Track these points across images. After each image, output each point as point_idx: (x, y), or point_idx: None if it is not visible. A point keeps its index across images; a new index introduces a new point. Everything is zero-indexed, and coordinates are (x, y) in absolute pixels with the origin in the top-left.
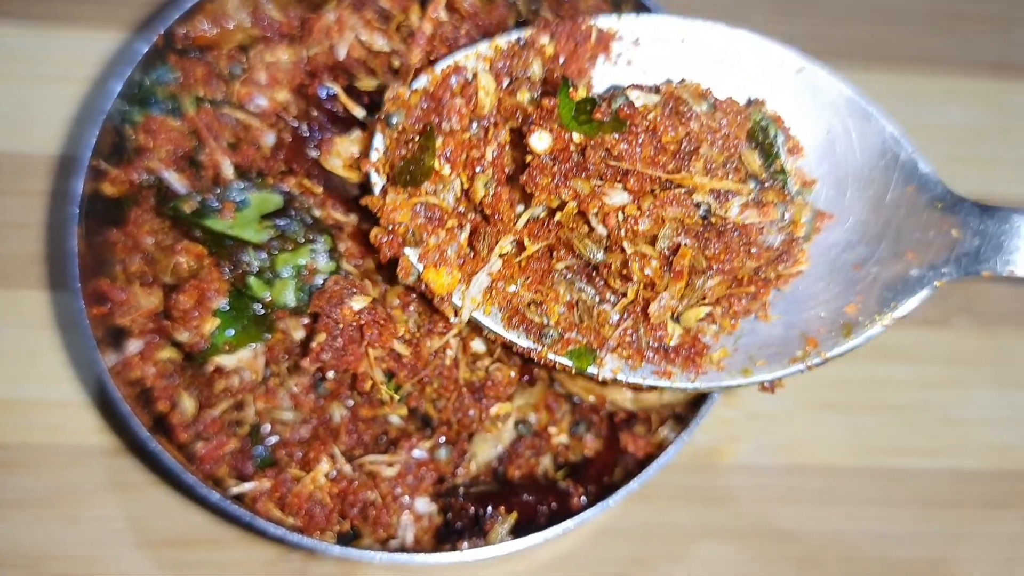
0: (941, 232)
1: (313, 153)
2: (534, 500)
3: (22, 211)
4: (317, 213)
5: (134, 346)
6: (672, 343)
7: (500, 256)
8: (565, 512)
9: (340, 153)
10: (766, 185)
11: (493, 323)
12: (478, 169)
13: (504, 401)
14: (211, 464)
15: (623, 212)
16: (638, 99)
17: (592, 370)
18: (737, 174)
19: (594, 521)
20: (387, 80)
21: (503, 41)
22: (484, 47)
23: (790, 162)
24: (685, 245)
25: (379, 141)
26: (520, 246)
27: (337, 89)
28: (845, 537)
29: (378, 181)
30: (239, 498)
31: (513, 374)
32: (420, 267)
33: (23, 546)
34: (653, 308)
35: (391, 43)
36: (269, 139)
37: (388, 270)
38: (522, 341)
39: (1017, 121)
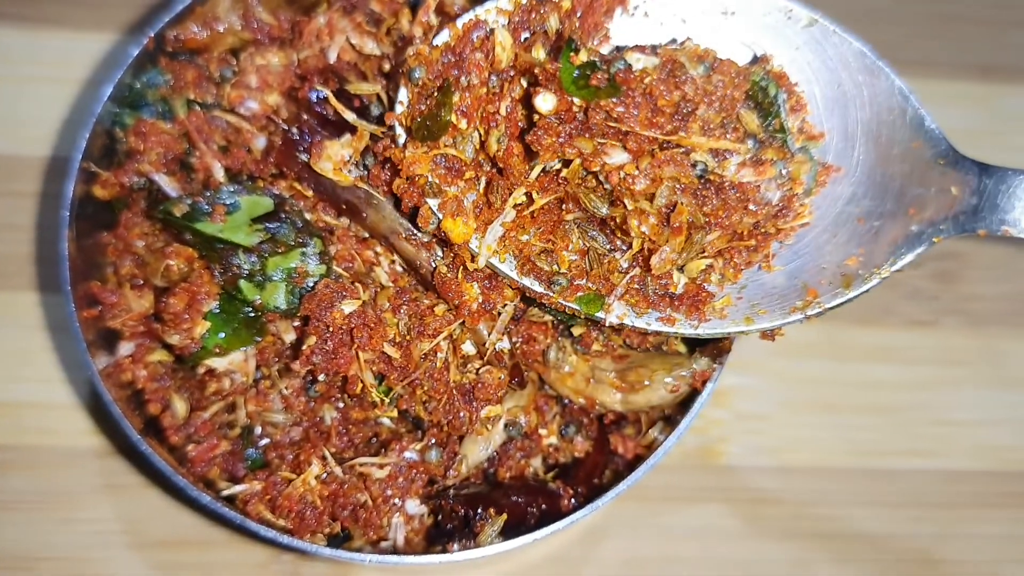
0: (942, 189)
1: (304, 156)
2: (524, 501)
3: (13, 213)
4: (308, 216)
5: (125, 349)
6: (677, 291)
7: (513, 207)
8: (555, 513)
9: (331, 156)
10: (764, 143)
11: (508, 269)
12: (492, 124)
13: (494, 403)
14: (202, 466)
15: (623, 171)
16: (637, 62)
17: (600, 315)
18: (735, 133)
19: (585, 521)
20: (377, 83)
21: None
22: (504, 1)
23: (791, 120)
24: (682, 203)
25: (403, 95)
26: (531, 198)
27: (327, 92)
28: (835, 537)
29: (401, 133)
30: (230, 500)
31: (503, 376)
32: (440, 216)
33: (16, 547)
34: (654, 261)
35: (381, 47)
36: (260, 142)
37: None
38: (535, 287)
39: (1007, 123)
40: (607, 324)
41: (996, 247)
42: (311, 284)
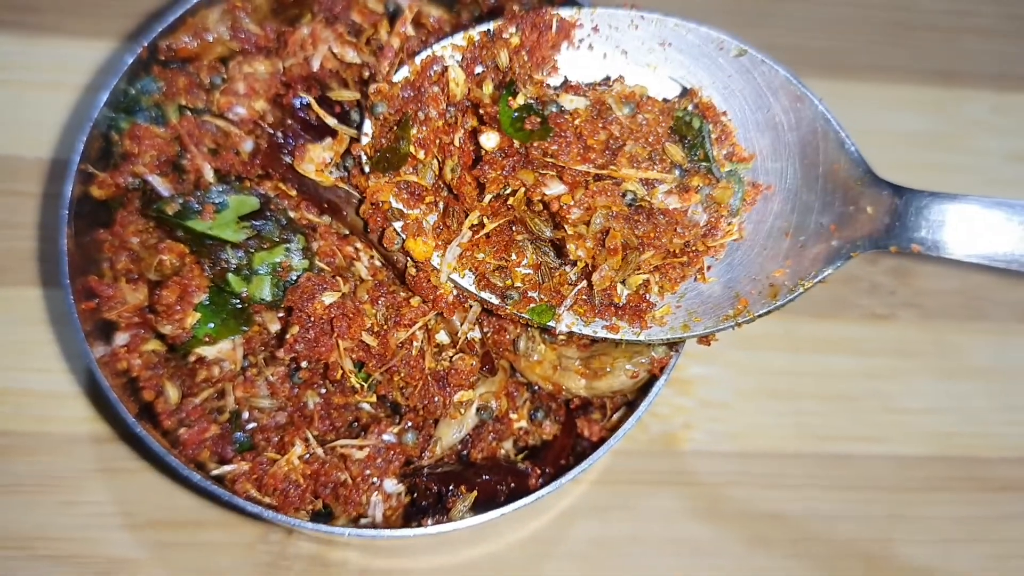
0: (860, 208)
1: (288, 159)
2: (494, 480)
3: (15, 212)
4: (292, 214)
5: (121, 339)
6: (621, 302)
7: (469, 229)
8: (523, 491)
9: (313, 159)
10: (690, 171)
11: (467, 284)
12: (448, 154)
13: (467, 389)
14: (194, 448)
15: (560, 201)
16: (570, 103)
17: (551, 323)
18: (662, 164)
19: (558, 505)
20: (358, 90)
21: (474, 32)
22: (458, 38)
23: (719, 148)
24: (615, 228)
25: (367, 127)
26: (483, 223)
27: (310, 99)
28: (792, 519)
29: (367, 162)
30: (219, 479)
31: (475, 363)
32: (403, 236)
33: (17, 529)
34: (595, 277)
35: (362, 56)
36: (247, 145)
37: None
38: (491, 299)
39: (965, 128)
40: (557, 333)
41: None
42: (295, 277)
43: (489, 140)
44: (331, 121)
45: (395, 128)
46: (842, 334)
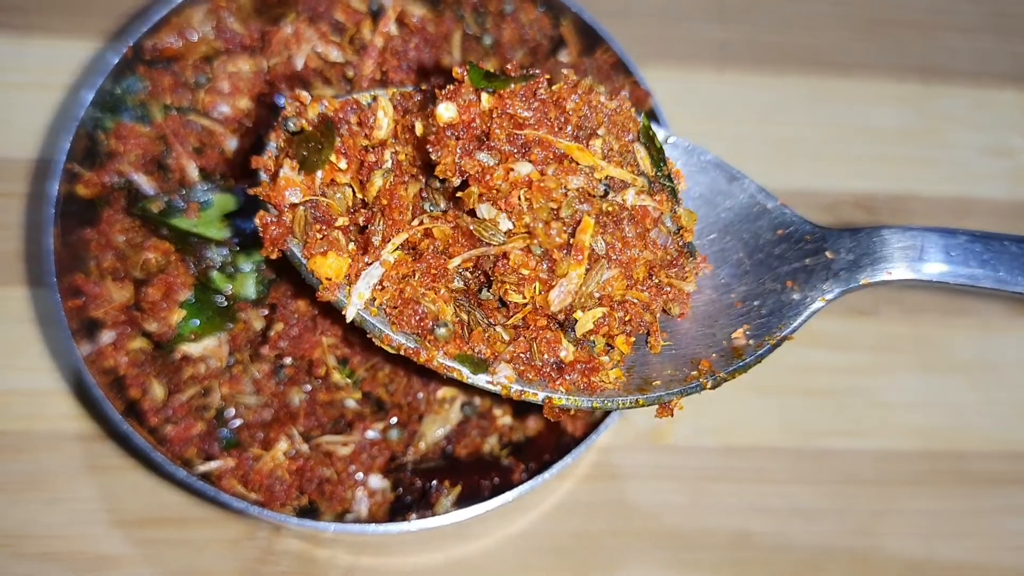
0: (816, 258)
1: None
2: (478, 475)
3: (1, 211)
4: None
5: (107, 336)
6: (569, 358)
7: (393, 252)
8: (507, 486)
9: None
10: (654, 186)
11: (380, 323)
12: (376, 166)
13: (451, 385)
14: (180, 445)
15: (525, 188)
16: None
17: (484, 378)
18: (631, 167)
19: (545, 500)
20: (341, 89)
21: (404, 90)
22: (383, 91)
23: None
24: (588, 217)
25: (272, 144)
26: (413, 247)
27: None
28: (775, 513)
29: (266, 179)
30: (206, 476)
31: None
32: (304, 261)
33: (4, 526)
34: (554, 295)
35: (345, 55)
36: (232, 144)
37: None
38: (409, 343)
39: (942, 123)
40: (492, 390)
41: None
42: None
43: (447, 111)
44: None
45: (319, 128)
46: (825, 329)
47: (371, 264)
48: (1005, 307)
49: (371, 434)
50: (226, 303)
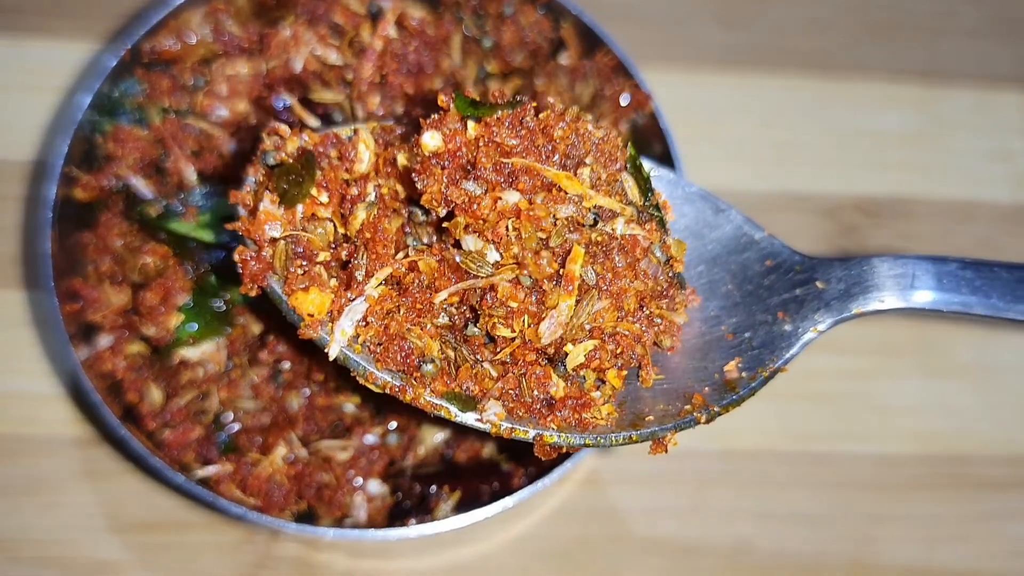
0: (807, 288)
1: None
2: (477, 480)
3: None
4: None
5: (105, 341)
6: (559, 394)
7: (376, 286)
8: (506, 491)
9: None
10: (643, 216)
11: (364, 360)
12: (360, 200)
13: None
14: (177, 450)
15: (514, 219)
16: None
17: (472, 416)
18: (619, 196)
19: (544, 505)
20: (340, 92)
21: (385, 123)
22: (363, 125)
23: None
24: (578, 246)
25: (250, 179)
26: (398, 282)
27: (292, 101)
28: (776, 517)
29: (244, 214)
30: (203, 481)
31: None
32: (285, 298)
33: (0, 531)
34: (544, 327)
35: (344, 57)
36: (230, 147)
37: None
38: (395, 380)
39: (944, 126)
40: (481, 428)
41: (935, 245)
42: None
43: (433, 139)
44: (313, 122)
45: (299, 161)
46: (826, 334)
47: (354, 300)
48: None
49: (370, 439)
50: (224, 307)
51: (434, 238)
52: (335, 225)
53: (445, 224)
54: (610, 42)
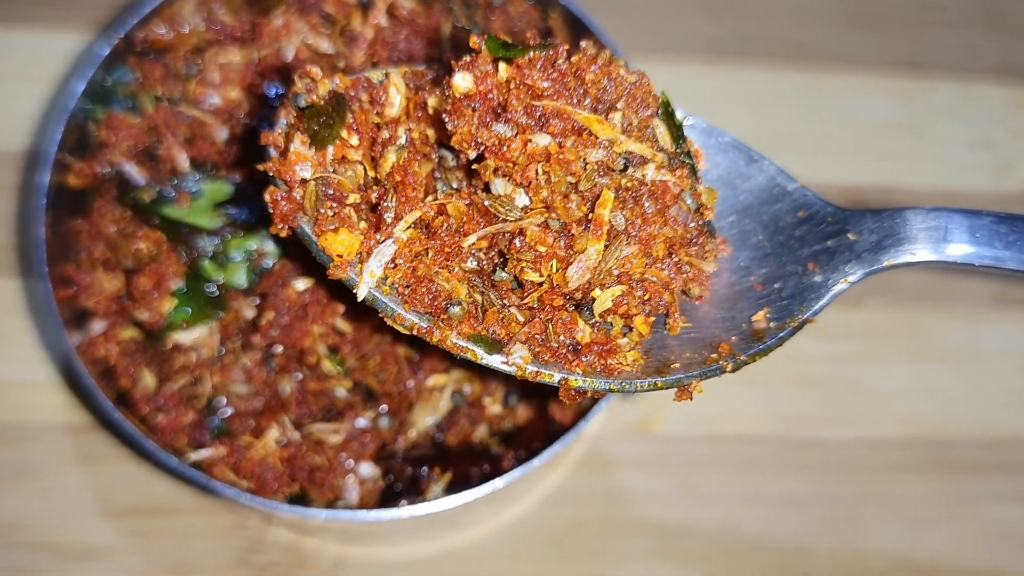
0: (838, 240)
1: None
2: (468, 463)
3: None
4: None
5: (98, 326)
6: (585, 340)
7: (406, 229)
8: (497, 474)
9: None
10: (674, 163)
11: (392, 302)
12: (391, 143)
13: (440, 373)
14: (171, 435)
15: (544, 162)
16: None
17: (499, 358)
18: (651, 143)
19: (535, 490)
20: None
21: (416, 68)
22: (395, 69)
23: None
24: (607, 186)
25: (282, 121)
26: (427, 225)
27: (284, 88)
28: (763, 500)
29: (275, 155)
30: (197, 464)
31: None
32: (315, 239)
33: None
34: (572, 271)
35: (335, 46)
36: (222, 134)
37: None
38: (422, 322)
39: (929, 117)
40: (507, 371)
41: None
42: (269, 263)
43: (464, 80)
44: None
45: (329, 108)
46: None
47: (383, 242)
48: (991, 297)
49: (361, 422)
50: (217, 292)
51: (463, 183)
52: (365, 168)
53: (475, 167)
54: (598, 32)
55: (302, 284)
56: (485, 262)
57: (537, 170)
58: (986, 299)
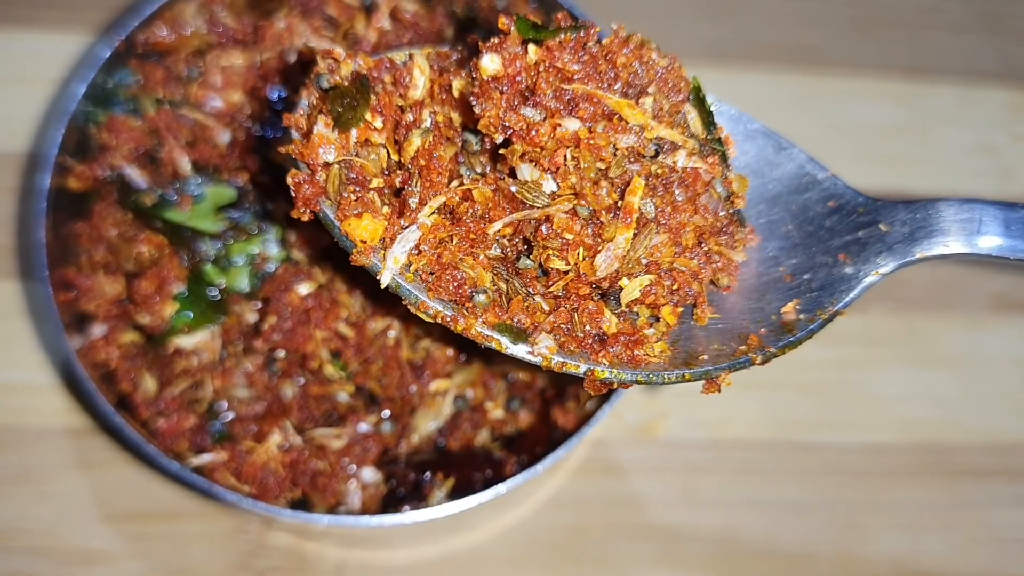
0: (870, 230)
1: (264, 150)
2: (470, 468)
3: None
4: (269, 205)
5: (99, 330)
6: (611, 330)
7: (430, 215)
8: (499, 479)
9: None
10: (705, 150)
11: (416, 289)
12: (415, 126)
13: (443, 378)
14: (172, 439)
15: (573, 148)
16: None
17: (524, 348)
18: (682, 129)
19: (537, 494)
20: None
21: (440, 49)
22: (419, 50)
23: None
24: (638, 177)
25: (304, 102)
26: (451, 211)
27: (287, 92)
28: (765, 504)
29: (298, 137)
30: (198, 469)
31: (451, 352)
32: (338, 224)
33: None
34: (600, 260)
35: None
36: (224, 137)
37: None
38: (447, 310)
39: (928, 120)
40: (532, 361)
41: None
42: (272, 268)
43: (492, 62)
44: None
45: (355, 85)
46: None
47: (407, 227)
48: (992, 302)
49: (363, 427)
50: (219, 296)
51: (488, 168)
52: (389, 152)
53: (501, 151)
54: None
55: (305, 288)
56: (510, 249)
57: (566, 155)
58: (986, 304)
